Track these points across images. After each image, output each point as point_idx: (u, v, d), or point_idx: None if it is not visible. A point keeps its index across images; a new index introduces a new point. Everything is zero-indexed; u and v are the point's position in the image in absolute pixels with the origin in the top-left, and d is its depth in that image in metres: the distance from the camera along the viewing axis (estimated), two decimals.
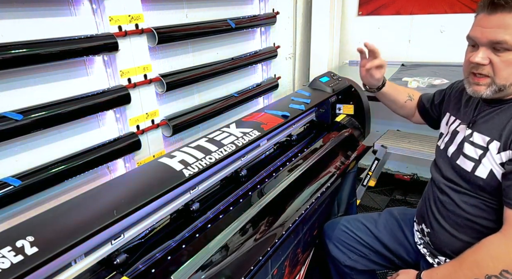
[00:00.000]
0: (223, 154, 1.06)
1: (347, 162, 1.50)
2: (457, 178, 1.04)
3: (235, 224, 1.00)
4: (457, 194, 1.04)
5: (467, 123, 1.06)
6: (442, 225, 1.08)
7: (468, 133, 1.03)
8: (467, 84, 1.00)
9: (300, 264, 1.43)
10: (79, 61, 1.25)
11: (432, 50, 2.34)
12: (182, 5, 1.58)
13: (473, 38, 0.95)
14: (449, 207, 1.06)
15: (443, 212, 1.08)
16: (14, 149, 1.12)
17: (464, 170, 1.01)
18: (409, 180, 2.69)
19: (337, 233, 1.37)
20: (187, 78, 1.57)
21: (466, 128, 1.05)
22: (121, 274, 0.81)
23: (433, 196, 1.12)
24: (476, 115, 1.04)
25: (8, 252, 0.64)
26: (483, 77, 0.95)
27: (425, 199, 1.18)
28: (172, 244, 0.92)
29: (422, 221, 1.17)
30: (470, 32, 0.97)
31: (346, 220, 1.40)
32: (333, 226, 1.41)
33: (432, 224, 1.12)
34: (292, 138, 1.51)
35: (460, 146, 1.05)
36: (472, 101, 1.08)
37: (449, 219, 1.06)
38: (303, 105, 1.48)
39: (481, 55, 0.92)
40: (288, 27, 2.36)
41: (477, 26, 0.95)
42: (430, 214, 1.13)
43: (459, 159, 1.04)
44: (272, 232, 1.06)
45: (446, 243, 1.08)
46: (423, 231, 1.16)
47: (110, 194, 0.87)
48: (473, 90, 0.98)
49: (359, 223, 1.36)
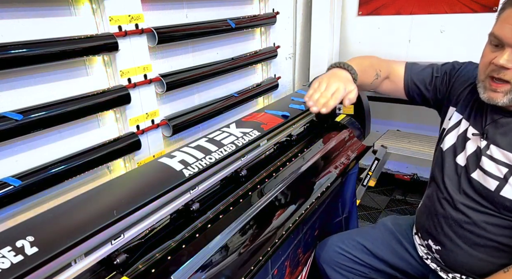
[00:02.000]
0: (223, 154, 1.06)
1: (347, 162, 1.50)
2: (476, 195, 0.94)
3: (235, 224, 1.00)
4: (477, 213, 0.94)
5: (480, 131, 0.95)
6: (457, 243, 0.99)
7: (484, 145, 0.93)
8: (481, 89, 0.90)
9: (301, 265, 1.43)
10: (79, 61, 1.25)
11: (432, 50, 2.34)
12: (182, 5, 1.58)
13: (499, 37, 0.82)
14: (467, 227, 0.96)
15: (458, 231, 0.98)
16: (14, 149, 1.12)
17: (486, 189, 0.91)
18: (409, 180, 2.69)
19: (332, 255, 1.29)
20: (187, 78, 1.57)
21: (480, 138, 0.94)
22: (121, 274, 0.80)
23: (444, 213, 1.02)
24: (488, 123, 0.93)
25: (8, 252, 0.64)
26: (502, 83, 0.84)
27: (430, 214, 1.07)
28: (172, 244, 0.92)
29: (428, 237, 1.08)
30: (495, 29, 0.84)
31: (339, 239, 1.32)
32: (326, 247, 1.32)
33: (443, 242, 1.02)
34: (292, 138, 1.51)
35: (475, 158, 0.95)
36: (485, 105, 0.96)
37: (466, 238, 0.97)
38: (303, 105, 1.48)
39: (507, 57, 0.81)
40: (288, 27, 2.36)
41: (505, 23, 0.81)
42: (440, 232, 1.03)
43: (476, 173, 0.94)
44: (272, 232, 1.06)
45: (463, 262, 0.99)
46: (430, 247, 1.07)
47: (110, 194, 0.87)
48: (488, 97, 0.88)
49: (354, 242, 1.28)
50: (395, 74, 1.17)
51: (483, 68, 0.89)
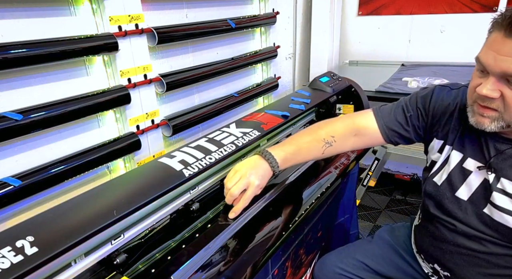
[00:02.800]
0: (223, 154, 1.06)
1: (347, 162, 1.50)
2: (490, 231, 0.88)
3: (235, 224, 1.00)
4: (494, 246, 0.89)
5: (484, 164, 0.88)
6: (470, 273, 0.94)
7: (493, 178, 0.86)
8: (470, 113, 0.85)
9: (304, 266, 1.43)
10: (79, 61, 1.25)
11: (432, 50, 2.34)
12: (182, 5, 1.58)
13: (483, 63, 0.77)
14: (482, 257, 0.91)
15: (472, 260, 0.93)
16: (14, 149, 1.12)
17: (504, 226, 0.85)
18: (409, 180, 2.69)
19: (332, 277, 1.23)
20: (187, 78, 1.57)
21: (487, 172, 0.87)
22: (121, 274, 0.80)
23: (454, 241, 0.95)
24: (494, 156, 0.86)
25: (8, 252, 0.64)
26: (490, 109, 0.79)
27: (435, 239, 1.00)
28: (172, 244, 0.92)
29: (434, 262, 1.03)
30: (480, 54, 0.79)
31: (337, 258, 1.26)
32: (324, 268, 1.26)
33: (453, 269, 0.97)
34: None
35: (483, 193, 0.89)
36: (483, 135, 0.89)
37: (481, 268, 0.92)
38: (303, 105, 1.48)
39: (491, 87, 0.75)
40: (288, 27, 2.36)
41: (489, 50, 0.76)
42: (449, 259, 0.97)
43: (487, 209, 0.88)
44: (272, 232, 1.06)
45: None
46: (437, 272, 1.03)
47: (110, 194, 0.87)
48: (476, 121, 0.83)
49: (353, 260, 1.22)
50: (365, 128, 1.08)
51: (470, 93, 0.84)
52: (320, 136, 1.06)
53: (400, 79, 2.11)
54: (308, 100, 1.54)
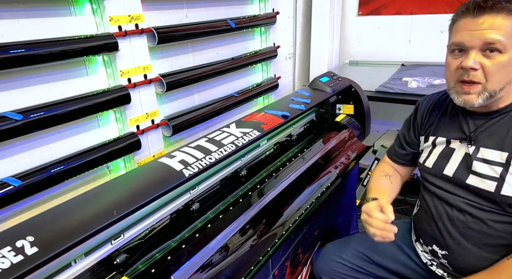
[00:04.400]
0: (223, 154, 1.06)
1: (347, 162, 1.50)
2: (477, 199, 0.96)
3: (235, 224, 1.00)
4: (483, 212, 0.95)
5: (465, 139, 0.99)
6: (465, 246, 0.99)
7: (473, 150, 0.96)
8: (454, 95, 0.94)
9: (301, 265, 1.43)
10: (79, 61, 1.25)
11: (432, 50, 2.34)
12: (182, 5, 1.58)
13: (461, 43, 0.89)
14: (474, 227, 0.97)
15: (466, 232, 0.99)
16: (14, 149, 1.12)
17: (485, 191, 0.93)
18: (409, 180, 2.68)
19: (331, 265, 1.25)
20: (187, 78, 1.57)
21: (468, 145, 0.98)
22: (121, 274, 0.81)
23: (448, 215, 1.02)
24: (473, 130, 0.97)
25: (8, 252, 0.64)
26: (473, 84, 0.89)
27: (432, 218, 1.07)
28: (172, 244, 0.92)
29: (432, 243, 1.07)
30: (454, 38, 0.91)
31: (336, 248, 1.29)
32: (324, 257, 1.29)
33: (450, 246, 1.02)
34: (292, 138, 1.51)
35: (465, 165, 0.98)
36: (461, 115, 1.02)
37: (475, 239, 0.97)
38: (303, 105, 1.48)
39: (473, 58, 0.87)
40: (288, 27, 2.36)
41: (463, 31, 0.89)
42: (446, 235, 1.03)
43: (470, 179, 0.96)
44: (272, 232, 1.06)
45: (473, 265, 0.98)
46: (435, 253, 1.06)
47: (110, 194, 0.87)
48: (463, 100, 0.92)
49: (353, 250, 1.25)
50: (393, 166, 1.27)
51: (451, 76, 0.94)
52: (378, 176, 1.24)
53: (400, 79, 2.11)
54: (308, 100, 1.54)
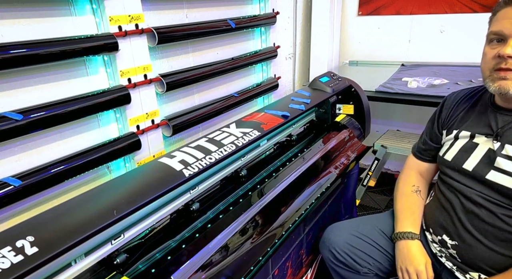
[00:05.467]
0: (223, 154, 1.06)
1: (347, 162, 1.50)
2: (495, 194, 0.96)
3: (235, 224, 1.00)
4: (499, 207, 0.96)
5: (491, 135, 0.99)
6: (477, 238, 0.99)
7: (498, 146, 0.96)
8: (490, 83, 0.94)
9: (305, 267, 1.43)
10: (79, 61, 1.25)
11: (432, 50, 2.34)
12: (182, 5, 1.58)
13: (500, 31, 0.90)
14: (488, 220, 0.97)
15: (478, 224, 0.99)
16: (14, 149, 1.12)
17: (506, 187, 0.93)
18: None
19: (346, 238, 1.21)
20: (187, 78, 1.57)
21: (493, 141, 0.98)
22: (121, 274, 0.81)
23: (462, 207, 1.03)
24: (501, 126, 0.97)
25: (8, 252, 0.64)
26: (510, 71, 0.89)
27: (446, 209, 1.08)
28: (172, 244, 0.92)
29: (443, 232, 1.07)
30: (494, 27, 0.92)
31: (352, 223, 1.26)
32: (338, 230, 1.25)
33: (462, 236, 1.02)
34: (292, 138, 1.51)
35: (488, 160, 0.98)
36: (490, 111, 1.02)
37: (487, 232, 0.98)
38: (303, 105, 1.48)
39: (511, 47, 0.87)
40: (288, 27, 2.36)
41: (503, 20, 0.90)
42: (458, 226, 1.03)
43: (490, 175, 0.97)
44: (272, 232, 1.06)
45: (483, 257, 0.99)
46: (445, 243, 1.07)
47: (110, 194, 0.87)
48: (499, 86, 0.91)
49: (370, 226, 1.23)
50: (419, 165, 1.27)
51: (487, 65, 0.94)
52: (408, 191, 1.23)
53: (400, 79, 2.11)
54: (308, 100, 1.54)
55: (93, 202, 0.83)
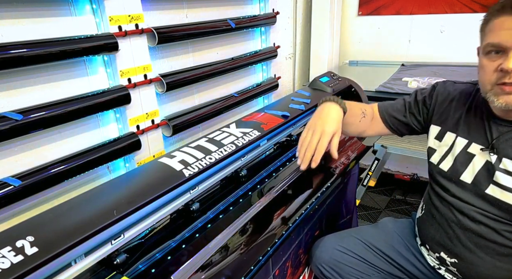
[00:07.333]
0: (223, 154, 1.06)
1: (347, 162, 1.50)
2: (494, 210, 0.92)
3: (235, 224, 1.00)
4: (499, 223, 0.92)
5: (486, 146, 0.93)
6: (478, 255, 0.96)
7: (495, 159, 0.91)
8: (493, 97, 0.86)
9: (302, 265, 1.43)
10: (79, 61, 1.25)
11: (432, 50, 2.34)
12: (182, 5, 1.58)
13: (498, 44, 0.82)
14: (488, 237, 0.94)
15: (478, 241, 0.95)
16: (14, 149, 1.12)
17: (506, 203, 0.89)
18: (409, 180, 2.69)
19: (332, 254, 1.20)
20: (187, 78, 1.57)
21: (490, 153, 0.92)
22: (121, 274, 0.81)
23: (458, 223, 0.98)
24: (496, 137, 0.92)
25: (8, 252, 0.64)
26: None
27: (441, 225, 1.03)
28: (172, 244, 0.92)
29: (440, 250, 1.03)
30: (490, 39, 0.84)
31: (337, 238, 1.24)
32: (323, 247, 1.24)
33: (461, 254, 0.98)
34: (292, 138, 1.51)
35: (487, 174, 0.93)
36: (484, 119, 0.96)
37: (488, 249, 0.94)
38: (303, 105, 1.48)
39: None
40: (288, 27, 2.36)
41: (499, 30, 0.82)
42: (456, 243, 0.99)
43: (490, 189, 0.92)
44: (272, 232, 1.06)
45: (485, 274, 0.96)
46: (443, 260, 1.03)
47: (110, 194, 0.87)
48: (505, 102, 0.84)
49: (355, 240, 1.20)
50: (374, 114, 1.21)
51: (488, 78, 0.87)
52: (358, 105, 1.19)
53: (400, 79, 2.11)
54: (308, 100, 1.54)
55: (93, 202, 0.83)
